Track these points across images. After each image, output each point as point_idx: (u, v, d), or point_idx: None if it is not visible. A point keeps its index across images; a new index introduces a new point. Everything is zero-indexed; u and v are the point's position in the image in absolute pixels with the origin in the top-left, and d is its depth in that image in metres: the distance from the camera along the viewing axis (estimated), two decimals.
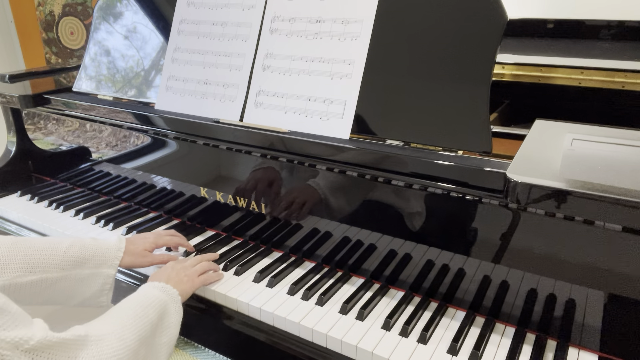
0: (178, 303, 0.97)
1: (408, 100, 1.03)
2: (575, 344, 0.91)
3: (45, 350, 0.70)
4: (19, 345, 0.67)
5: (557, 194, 0.77)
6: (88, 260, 1.00)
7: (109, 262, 1.04)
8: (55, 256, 0.96)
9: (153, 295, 0.93)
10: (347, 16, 1.11)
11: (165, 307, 0.93)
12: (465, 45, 0.99)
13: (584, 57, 1.19)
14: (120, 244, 1.07)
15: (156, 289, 0.96)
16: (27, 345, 0.67)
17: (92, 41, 1.56)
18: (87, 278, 1.01)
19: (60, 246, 0.98)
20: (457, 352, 0.91)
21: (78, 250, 1.00)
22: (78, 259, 0.99)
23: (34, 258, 0.93)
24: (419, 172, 0.97)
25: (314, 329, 0.97)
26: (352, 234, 1.10)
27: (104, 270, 1.03)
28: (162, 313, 0.91)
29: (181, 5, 1.35)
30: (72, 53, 2.99)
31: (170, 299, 0.95)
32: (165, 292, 0.96)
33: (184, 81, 1.32)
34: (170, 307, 0.94)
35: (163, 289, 0.96)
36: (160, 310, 0.91)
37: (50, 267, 0.95)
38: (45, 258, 0.95)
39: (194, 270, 1.07)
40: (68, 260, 0.98)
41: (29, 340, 0.68)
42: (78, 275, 0.99)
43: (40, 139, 1.67)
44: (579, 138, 0.93)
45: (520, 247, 0.91)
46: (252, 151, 1.17)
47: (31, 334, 0.69)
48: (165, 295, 0.95)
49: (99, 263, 1.02)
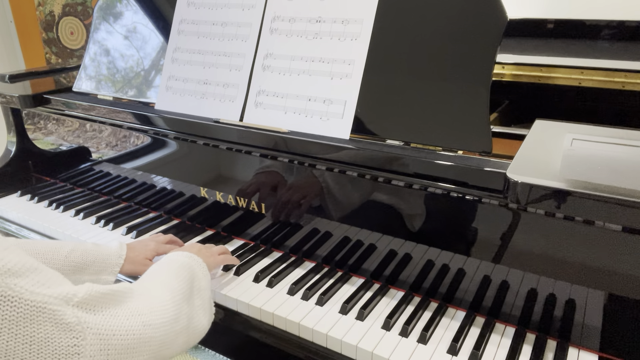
0: (205, 269, 0.97)
1: (408, 100, 1.03)
2: (575, 344, 0.91)
3: (97, 301, 0.69)
4: (68, 300, 0.65)
5: (557, 194, 0.77)
6: (88, 267, 1.00)
7: (109, 269, 1.03)
8: (56, 260, 0.96)
9: (180, 260, 0.94)
10: (347, 16, 1.11)
11: (193, 271, 0.93)
12: (465, 45, 0.99)
13: (584, 57, 1.19)
14: (121, 251, 1.07)
15: (182, 256, 0.96)
16: (76, 299, 0.66)
17: (92, 41, 1.56)
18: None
19: (62, 250, 0.98)
20: (457, 352, 0.91)
21: (79, 255, 0.99)
22: (79, 264, 0.99)
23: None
24: (419, 172, 0.97)
25: (314, 329, 0.97)
26: (352, 234, 1.10)
27: (104, 277, 1.03)
28: (192, 277, 0.92)
29: (181, 5, 1.35)
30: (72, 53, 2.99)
31: (196, 264, 0.96)
32: (192, 259, 0.96)
33: (184, 81, 1.32)
34: (197, 271, 0.94)
35: (188, 256, 0.96)
36: (190, 273, 0.92)
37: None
38: (46, 262, 0.94)
39: (214, 249, 1.10)
40: (69, 265, 0.97)
41: (76, 293, 0.66)
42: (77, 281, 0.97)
43: (40, 139, 1.67)
44: (579, 138, 0.93)
45: (520, 247, 0.91)
46: (252, 151, 1.17)
47: (76, 289, 0.67)
48: (191, 261, 0.95)
49: (99, 270, 1.02)
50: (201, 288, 0.93)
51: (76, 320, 0.65)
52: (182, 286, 0.86)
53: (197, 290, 0.91)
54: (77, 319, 0.65)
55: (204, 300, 0.92)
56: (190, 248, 1.07)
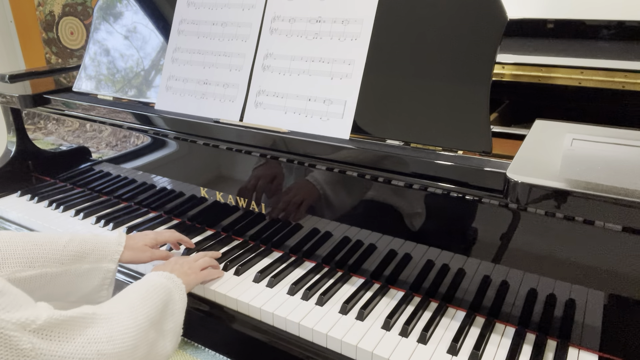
0: (182, 290, 0.97)
1: (408, 100, 1.03)
2: (575, 344, 0.91)
3: (54, 328, 0.69)
4: (25, 325, 0.65)
5: (557, 194, 0.77)
6: (88, 255, 1.00)
7: (109, 257, 1.03)
8: (54, 250, 0.96)
9: (157, 281, 0.93)
10: (347, 16, 1.11)
11: (170, 294, 0.93)
12: (465, 45, 0.99)
13: (584, 57, 1.19)
14: (121, 239, 1.07)
15: (160, 276, 0.96)
16: (34, 325, 0.66)
17: (92, 41, 1.56)
18: (87, 273, 1.00)
19: (60, 241, 0.98)
20: (457, 352, 0.91)
21: (78, 244, 0.99)
22: (78, 253, 0.98)
23: (33, 252, 0.93)
24: (419, 172, 0.97)
25: (314, 329, 0.97)
26: (352, 234, 1.10)
27: (104, 264, 1.02)
28: (167, 299, 0.91)
29: (181, 5, 1.35)
30: (72, 53, 2.99)
31: (174, 286, 0.95)
32: (170, 280, 0.96)
33: (184, 81, 1.32)
34: (174, 294, 0.94)
35: (167, 277, 0.96)
36: (165, 296, 0.91)
37: (49, 261, 0.94)
38: (44, 252, 0.94)
39: (197, 265, 1.07)
40: (68, 255, 0.97)
41: (35, 320, 0.67)
42: (78, 270, 0.98)
43: (40, 139, 1.67)
44: (579, 138, 0.93)
45: (520, 247, 0.91)
46: (252, 151, 1.17)
47: (37, 313, 0.67)
48: (170, 283, 0.95)
49: (99, 257, 1.02)
50: (175, 311, 0.92)
51: (31, 347, 0.65)
52: (151, 312, 0.86)
53: (170, 314, 0.91)
54: (32, 345, 0.65)
55: (175, 324, 0.92)
56: (173, 264, 1.04)
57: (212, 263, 1.13)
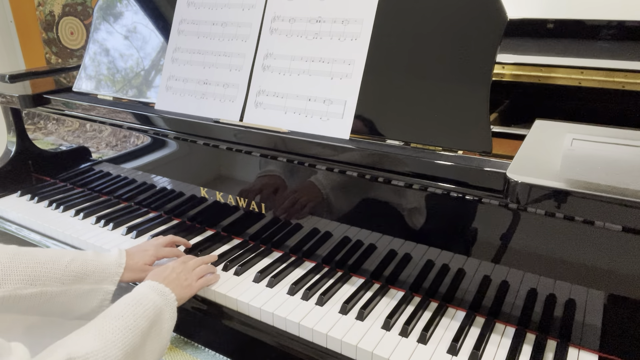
0: (173, 308, 0.96)
1: (408, 100, 1.03)
2: (575, 344, 0.91)
3: None
4: None
5: (557, 194, 0.77)
6: (89, 276, 1.00)
7: (109, 279, 1.03)
8: (56, 270, 0.96)
9: (149, 300, 0.92)
10: (347, 16, 1.11)
11: (159, 314, 0.92)
12: (465, 45, 0.99)
13: (584, 57, 1.19)
14: (121, 260, 1.06)
15: (154, 291, 0.95)
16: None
17: (92, 41, 1.56)
18: (87, 293, 1.00)
19: (62, 260, 0.98)
20: (457, 352, 0.91)
21: (80, 265, 0.99)
22: (79, 274, 0.99)
23: (35, 271, 0.93)
24: (419, 172, 0.96)
25: (314, 329, 0.97)
26: (352, 234, 1.10)
27: (104, 286, 1.02)
28: (154, 321, 0.90)
29: (181, 5, 1.35)
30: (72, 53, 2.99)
31: (166, 303, 0.94)
32: (163, 296, 0.95)
33: (184, 81, 1.32)
34: (165, 313, 0.93)
35: (161, 292, 0.95)
36: (154, 317, 0.90)
37: (51, 280, 0.95)
38: (46, 271, 0.94)
39: (194, 274, 1.06)
40: (69, 275, 0.97)
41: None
42: (78, 291, 0.98)
43: (40, 139, 1.67)
44: (579, 138, 0.93)
45: (520, 247, 0.91)
46: (252, 151, 1.17)
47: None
48: (162, 300, 0.94)
49: (99, 279, 1.02)
50: (161, 331, 0.91)
51: None
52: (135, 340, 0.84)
53: (155, 334, 0.90)
54: None
55: (160, 344, 0.91)
56: (170, 273, 1.03)
57: (209, 270, 1.12)
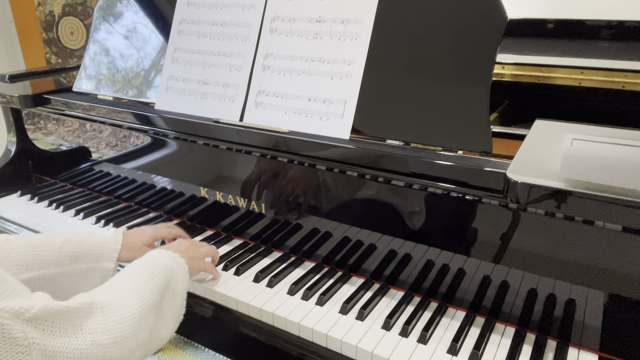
0: (185, 272, 0.96)
1: (408, 100, 1.03)
2: (575, 344, 0.91)
3: (48, 318, 0.68)
4: (19, 314, 0.65)
5: (557, 194, 0.77)
6: (85, 255, 0.99)
7: (106, 256, 1.02)
8: (51, 252, 0.95)
9: (160, 261, 0.93)
10: (347, 16, 1.11)
11: (172, 274, 0.92)
12: (465, 45, 0.99)
13: (584, 57, 1.19)
14: (117, 237, 1.06)
15: (163, 255, 0.95)
16: (28, 314, 0.65)
17: (92, 41, 1.56)
18: (86, 272, 0.99)
19: (55, 242, 0.97)
20: (457, 352, 0.91)
21: (74, 245, 0.98)
22: (75, 253, 0.98)
23: (29, 255, 0.92)
24: (419, 172, 0.96)
25: (314, 329, 0.97)
26: (352, 234, 1.10)
27: (102, 264, 1.01)
28: (168, 280, 0.90)
29: (181, 5, 1.35)
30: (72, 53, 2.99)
31: (177, 267, 0.95)
32: (173, 260, 0.95)
33: (184, 81, 1.32)
34: (177, 275, 0.93)
35: (171, 256, 0.95)
36: (167, 276, 0.91)
37: (47, 263, 0.94)
38: (40, 254, 0.93)
39: (201, 251, 1.07)
40: (64, 256, 0.96)
41: (30, 309, 0.66)
42: (76, 270, 0.98)
43: (40, 139, 1.67)
44: (579, 138, 0.93)
45: (520, 247, 0.91)
46: (252, 151, 1.17)
47: (32, 303, 0.67)
48: (173, 263, 0.94)
49: (96, 257, 1.01)
50: (175, 293, 0.92)
51: (23, 336, 0.64)
52: (152, 295, 0.85)
53: (170, 295, 0.90)
54: (25, 334, 0.64)
55: (175, 305, 0.91)
56: (178, 246, 1.04)
57: (214, 254, 1.13)
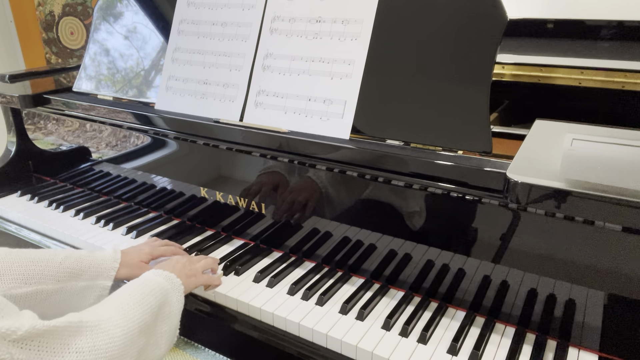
0: (180, 292, 0.96)
1: (408, 100, 1.03)
2: (575, 344, 0.91)
3: (35, 339, 0.68)
4: (6, 335, 0.64)
5: (557, 194, 0.77)
6: (84, 272, 1.00)
7: (105, 274, 1.03)
8: (50, 268, 0.95)
9: (154, 282, 0.93)
10: (347, 16, 1.11)
11: (166, 296, 0.92)
12: (466, 45, 0.99)
13: (584, 57, 1.19)
14: (116, 256, 1.06)
15: (159, 276, 0.95)
16: (14, 336, 0.65)
17: (92, 41, 1.56)
18: (83, 290, 1.00)
19: (56, 258, 0.97)
20: (457, 352, 0.91)
21: (74, 262, 0.99)
22: (74, 270, 0.98)
23: (29, 269, 0.92)
24: (419, 172, 0.96)
25: (314, 329, 0.97)
26: (352, 234, 1.10)
27: (100, 282, 1.02)
28: (162, 302, 0.90)
29: (181, 5, 1.35)
30: (72, 53, 2.99)
31: (172, 287, 0.94)
32: (169, 281, 0.95)
33: (184, 81, 1.32)
34: (171, 296, 0.93)
35: (167, 277, 0.95)
36: (161, 298, 0.90)
37: (45, 278, 0.94)
38: (40, 269, 0.94)
39: (198, 266, 1.07)
40: (64, 272, 0.97)
41: (16, 330, 0.66)
42: (74, 288, 0.98)
43: (40, 139, 1.67)
44: (579, 138, 0.93)
45: (520, 247, 0.91)
46: (252, 151, 1.17)
47: (19, 324, 0.67)
48: (168, 284, 0.94)
49: (94, 275, 1.01)
50: (170, 314, 0.91)
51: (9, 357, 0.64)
52: (143, 317, 0.84)
53: (165, 317, 0.90)
54: (10, 356, 0.64)
55: (170, 326, 0.91)
56: (174, 265, 1.03)
57: (213, 266, 1.12)
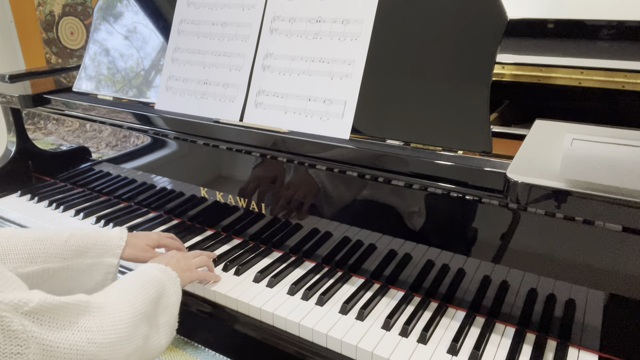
0: (177, 285, 0.96)
1: (408, 100, 1.03)
2: (575, 344, 0.91)
3: (46, 313, 0.69)
4: (18, 307, 0.65)
5: (557, 194, 0.77)
6: (90, 250, 0.99)
7: (111, 251, 1.03)
8: (56, 246, 0.95)
9: (152, 273, 0.93)
10: (347, 16, 1.11)
11: (163, 287, 0.92)
12: (466, 45, 0.99)
13: (584, 57, 1.19)
14: (122, 234, 1.06)
15: (155, 269, 0.95)
16: (26, 308, 0.66)
17: (92, 41, 1.56)
18: (89, 268, 1.00)
19: (61, 236, 0.97)
20: (457, 352, 0.91)
21: (79, 239, 0.99)
22: (79, 248, 0.98)
23: (34, 248, 0.92)
24: (419, 172, 0.96)
25: (314, 329, 0.97)
26: (352, 234, 1.10)
27: (106, 259, 1.02)
28: (160, 292, 0.91)
29: (181, 5, 1.35)
30: (72, 53, 2.99)
31: (169, 280, 0.95)
32: (165, 273, 0.95)
33: (184, 81, 1.32)
34: (168, 288, 0.93)
35: (162, 269, 0.96)
36: (160, 289, 0.91)
37: (51, 256, 0.94)
38: (46, 248, 0.94)
39: (194, 262, 1.07)
40: (69, 250, 0.96)
41: (28, 302, 0.66)
42: (80, 265, 0.98)
43: (40, 139, 1.67)
44: (579, 138, 0.93)
45: (520, 247, 0.91)
46: (252, 151, 1.17)
47: (30, 296, 0.67)
48: (165, 276, 0.94)
49: (100, 252, 1.01)
50: (168, 305, 0.92)
51: (22, 329, 0.65)
52: (144, 305, 0.85)
53: (163, 308, 0.90)
54: (23, 327, 0.65)
55: (169, 317, 0.91)
56: (169, 259, 1.03)
57: (208, 263, 1.12)
